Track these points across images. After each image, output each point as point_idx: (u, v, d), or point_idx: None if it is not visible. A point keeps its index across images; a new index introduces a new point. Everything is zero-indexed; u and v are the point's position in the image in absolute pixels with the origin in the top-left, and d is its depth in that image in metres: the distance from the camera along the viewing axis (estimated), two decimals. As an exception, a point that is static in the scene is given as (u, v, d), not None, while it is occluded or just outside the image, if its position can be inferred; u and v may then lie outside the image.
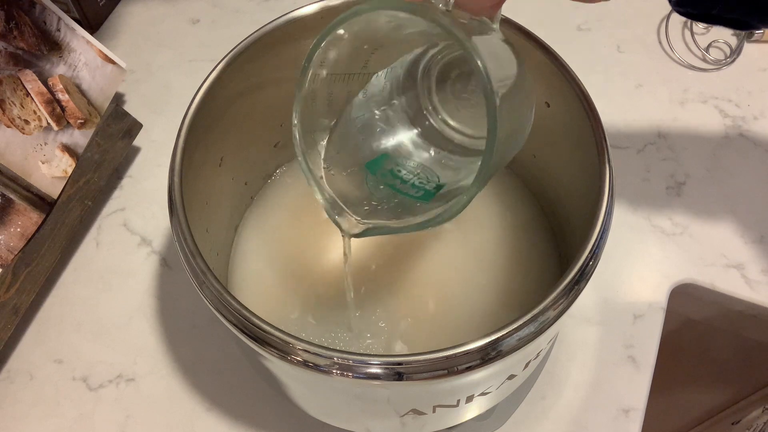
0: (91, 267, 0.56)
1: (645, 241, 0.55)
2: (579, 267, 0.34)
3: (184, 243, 0.36)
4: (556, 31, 0.61)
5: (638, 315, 0.52)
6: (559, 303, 0.34)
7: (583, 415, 0.48)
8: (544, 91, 0.43)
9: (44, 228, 0.52)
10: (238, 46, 0.42)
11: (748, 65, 0.64)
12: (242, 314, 0.34)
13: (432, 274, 0.48)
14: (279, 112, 0.49)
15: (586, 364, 0.50)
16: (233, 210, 0.50)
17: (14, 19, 0.49)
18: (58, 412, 0.50)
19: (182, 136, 0.39)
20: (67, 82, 0.53)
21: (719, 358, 0.77)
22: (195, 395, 0.50)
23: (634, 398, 0.49)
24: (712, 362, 0.79)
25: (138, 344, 0.52)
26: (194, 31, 0.68)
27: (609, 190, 0.36)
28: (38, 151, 0.52)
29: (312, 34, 0.44)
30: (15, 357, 0.53)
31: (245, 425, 0.49)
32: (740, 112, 0.61)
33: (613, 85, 0.63)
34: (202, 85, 0.41)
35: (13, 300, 0.51)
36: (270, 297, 0.48)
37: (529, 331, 0.33)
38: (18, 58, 0.50)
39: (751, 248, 0.54)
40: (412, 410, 0.39)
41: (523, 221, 0.50)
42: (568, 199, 0.45)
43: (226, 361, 0.51)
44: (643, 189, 0.57)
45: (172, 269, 0.56)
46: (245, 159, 0.49)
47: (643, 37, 0.66)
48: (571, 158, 0.43)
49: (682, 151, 0.59)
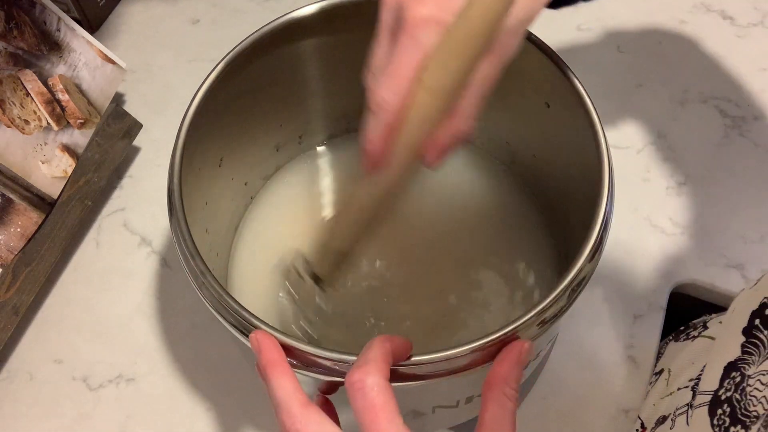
0: (91, 267, 0.56)
1: (645, 241, 0.55)
2: (579, 267, 0.34)
3: (184, 243, 0.36)
4: (556, 31, 0.61)
5: (638, 315, 0.52)
6: (559, 303, 0.34)
7: (583, 415, 0.48)
8: (544, 91, 0.43)
9: (44, 228, 0.52)
10: (238, 46, 0.42)
11: (748, 65, 0.64)
12: (241, 315, 0.34)
13: (432, 274, 0.48)
14: (279, 113, 0.49)
15: (586, 364, 0.50)
16: (233, 210, 0.50)
17: (14, 19, 0.49)
18: (58, 412, 0.50)
19: (182, 136, 0.39)
20: (67, 82, 0.53)
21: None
22: (195, 395, 0.50)
23: (634, 398, 0.49)
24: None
25: (138, 344, 0.52)
26: (194, 31, 0.68)
27: (609, 190, 0.36)
28: (38, 151, 0.52)
29: (312, 34, 0.44)
30: (15, 357, 0.53)
31: (245, 425, 0.49)
32: (740, 112, 0.61)
33: (613, 85, 0.63)
34: (202, 85, 0.40)
35: (13, 300, 0.51)
36: (269, 297, 0.48)
37: (529, 332, 0.33)
38: (18, 58, 0.50)
39: (751, 248, 0.54)
40: (411, 410, 0.39)
41: (523, 221, 0.50)
42: (568, 199, 0.45)
43: (226, 361, 0.51)
44: (643, 189, 0.57)
45: (172, 269, 0.56)
46: (245, 159, 0.49)
47: (643, 37, 0.66)
48: (571, 158, 0.43)
49: (682, 151, 0.59)
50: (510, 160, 0.52)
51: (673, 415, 0.41)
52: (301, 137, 0.52)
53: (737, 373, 0.34)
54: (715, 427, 0.34)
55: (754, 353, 0.33)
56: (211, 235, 0.45)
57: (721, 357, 0.35)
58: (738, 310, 0.36)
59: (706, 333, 0.48)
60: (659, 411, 0.45)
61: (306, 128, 0.52)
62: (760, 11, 0.67)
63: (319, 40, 0.45)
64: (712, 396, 0.35)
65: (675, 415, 0.41)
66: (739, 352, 0.34)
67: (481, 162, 0.53)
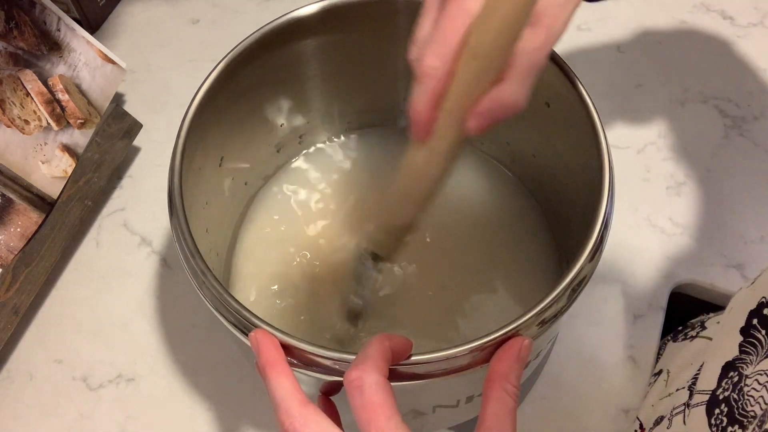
0: (91, 267, 0.56)
1: (645, 241, 0.55)
2: (579, 267, 0.34)
3: (184, 243, 0.36)
4: (556, 31, 0.61)
5: (638, 315, 0.52)
6: (559, 303, 0.34)
7: (582, 415, 0.48)
8: (544, 91, 0.43)
9: (44, 228, 0.52)
10: (238, 46, 0.42)
11: (748, 65, 0.64)
12: (242, 314, 0.34)
13: (432, 274, 0.48)
14: (279, 112, 0.49)
15: (586, 364, 0.50)
16: (233, 210, 0.50)
17: (14, 19, 0.49)
18: (58, 412, 0.50)
19: (182, 136, 0.39)
20: (67, 82, 0.53)
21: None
22: (195, 395, 0.50)
23: (634, 398, 0.49)
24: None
25: (138, 344, 0.52)
26: (194, 31, 0.68)
27: (609, 190, 0.36)
28: (38, 151, 0.52)
29: (312, 34, 0.44)
30: (15, 357, 0.53)
31: (245, 425, 0.49)
32: (740, 112, 0.61)
33: (613, 85, 0.63)
34: (202, 85, 0.40)
35: (13, 300, 0.51)
36: (269, 297, 0.48)
37: (529, 331, 0.33)
38: (18, 58, 0.50)
39: (751, 248, 0.54)
40: (411, 410, 0.39)
41: (522, 221, 0.50)
42: (568, 199, 0.45)
43: (226, 361, 0.51)
44: (643, 189, 0.57)
45: (172, 269, 0.56)
46: (245, 159, 0.49)
47: (643, 37, 0.66)
48: (571, 158, 0.43)
49: (682, 151, 0.59)
50: (510, 160, 0.52)
51: (670, 414, 0.41)
52: (301, 137, 0.52)
53: (735, 373, 0.34)
54: (712, 426, 0.34)
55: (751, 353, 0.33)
56: (211, 235, 0.45)
57: (719, 356, 0.35)
58: (735, 309, 0.36)
59: (704, 333, 0.48)
60: (658, 411, 0.45)
61: (306, 128, 0.52)
62: (760, 11, 0.67)
63: (319, 39, 0.45)
64: (709, 396, 0.35)
65: (672, 415, 0.41)
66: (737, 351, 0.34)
67: (481, 162, 0.53)
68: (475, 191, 0.52)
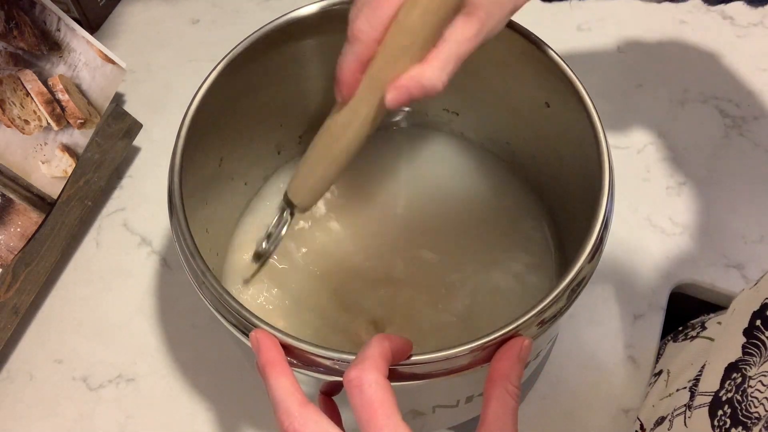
0: (91, 267, 0.56)
1: (645, 241, 0.55)
2: (579, 267, 0.34)
3: (184, 243, 0.36)
4: (556, 31, 0.61)
5: (638, 315, 0.52)
6: (559, 303, 0.34)
7: (583, 415, 0.48)
8: (544, 91, 0.43)
9: (44, 228, 0.52)
10: (238, 46, 0.42)
11: (748, 65, 0.64)
12: (241, 314, 0.34)
13: (432, 275, 0.48)
14: (279, 112, 0.49)
15: (586, 364, 0.50)
16: (233, 210, 0.50)
17: (14, 19, 0.49)
18: (58, 412, 0.50)
19: (182, 136, 0.39)
20: (67, 82, 0.53)
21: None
22: (195, 395, 0.50)
23: (634, 398, 0.49)
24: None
25: (138, 344, 0.52)
26: (194, 31, 0.68)
27: (609, 190, 0.36)
28: (38, 151, 0.52)
29: (312, 34, 0.44)
30: (15, 357, 0.53)
31: (245, 425, 0.49)
32: (740, 112, 0.61)
33: (613, 85, 0.63)
34: (202, 85, 0.40)
35: (13, 300, 0.51)
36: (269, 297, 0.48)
37: (529, 332, 0.33)
38: (18, 58, 0.50)
39: (751, 248, 0.54)
40: (411, 410, 0.39)
41: (522, 221, 0.50)
42: (568, 199, 0.45)
43: (226, 361, 0.51)
44: (643, 189, 0.57)
45: (172, 269, 0.56)
46: (245, 159, 0.49)
47: (643, 36, 0.66)
48: (571, 158, 0.43)
49: (682, 151, 0.59)
50: (510, 160, 0.52)
51: (671, 416, 0.41)
52: (301, 137, 0.52)
53: (738, 374, 0.33)
54: (715, 428, 0.34)
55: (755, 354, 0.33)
56: (211, 235, 0.45)
57: (722, 358, 0.35)
58: (738, 310, 0.36)
59: (704, 334, 0.48)
60: (658, 412, 0.45)
61: (306, 128, 0.52)
62: (760, 11, 0.67)
63: (319, 40, 0.45)
64: (712, 397, 0.35)
65: (673, 416, 0.41)
66: (740, 353, 0.34)
67: (481, 162, 0.53)
68: (474, 190, 0.52)
